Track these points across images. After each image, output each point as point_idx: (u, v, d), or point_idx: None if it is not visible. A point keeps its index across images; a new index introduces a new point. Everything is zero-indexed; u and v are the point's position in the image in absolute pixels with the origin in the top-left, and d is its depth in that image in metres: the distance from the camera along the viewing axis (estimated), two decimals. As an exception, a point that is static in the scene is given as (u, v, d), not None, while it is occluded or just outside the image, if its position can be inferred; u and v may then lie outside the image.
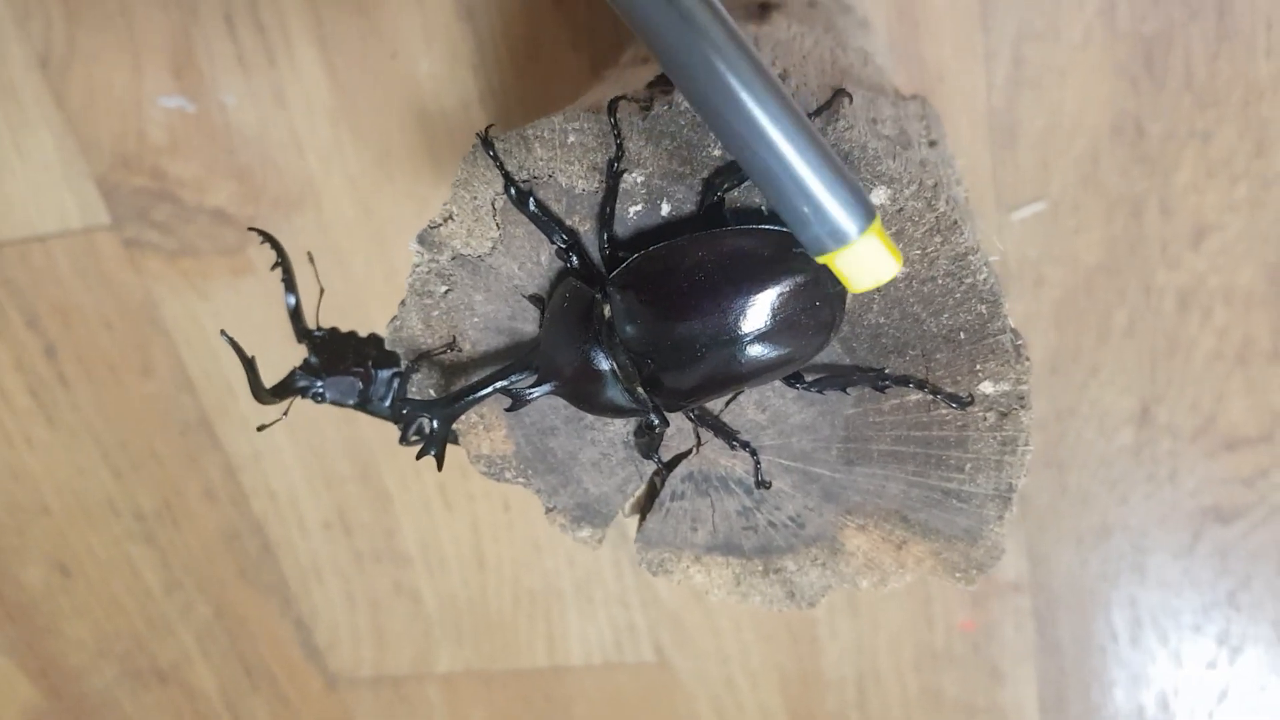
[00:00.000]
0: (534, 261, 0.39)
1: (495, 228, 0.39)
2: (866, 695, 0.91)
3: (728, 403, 0.41)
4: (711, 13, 0.28)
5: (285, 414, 0.43)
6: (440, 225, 0.39)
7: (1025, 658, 0.88)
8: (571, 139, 0.37)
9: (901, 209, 0.35)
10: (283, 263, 0.42)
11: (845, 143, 0.35)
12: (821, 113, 0.35)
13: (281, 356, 0.81)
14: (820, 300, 0.35)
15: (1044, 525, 0.82)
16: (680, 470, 0.42)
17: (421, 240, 0.39)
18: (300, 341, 0.44)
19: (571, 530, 0.44)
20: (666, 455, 0.42)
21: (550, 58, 0.70)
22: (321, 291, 0.46)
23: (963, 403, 0.37)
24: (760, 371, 0.36)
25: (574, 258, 0.38)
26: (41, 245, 0.81)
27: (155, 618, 0.98)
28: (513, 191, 0.37)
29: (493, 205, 0.38)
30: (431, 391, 0.42)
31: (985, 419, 0.38)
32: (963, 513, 0.40)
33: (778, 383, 0.40)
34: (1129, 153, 0.68)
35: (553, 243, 0.38)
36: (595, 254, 0.38)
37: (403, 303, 0.41)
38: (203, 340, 0.83)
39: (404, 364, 0.42)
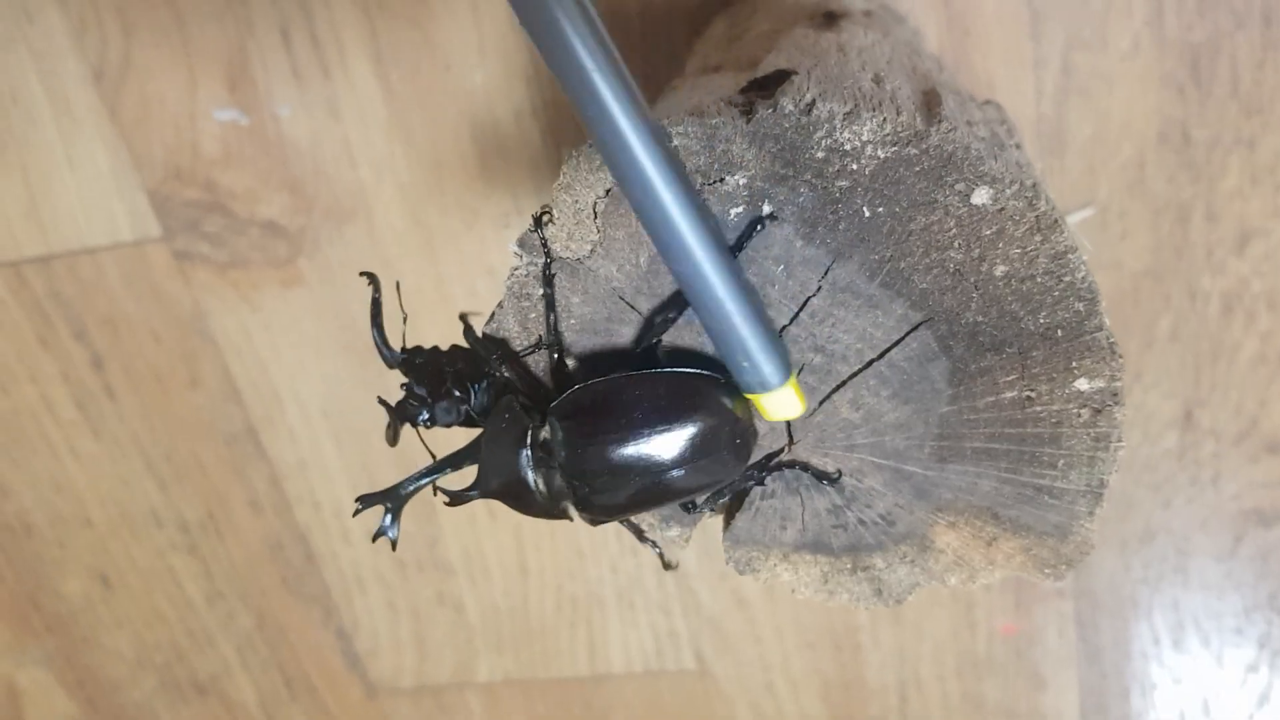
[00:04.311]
0: (633, 264, 0.40)
1: (595, 231, 0.39)
2: (909, 702, 0.92)
3: (821, 402, 0.41)
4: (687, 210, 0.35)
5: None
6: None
7: (1067, 663, 0.88)
8: (675, 142, 0.37)
9: (1003, 208, 0.36)
10: (377, 298, 0.43)
11: (949, 144, 0.35)
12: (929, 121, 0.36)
13: (331, 367, 0.82)
14: (739, 436, 0.40)
15: (1087, 530, 0.82)
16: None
17: (521, 243, 0.40)
18: (392, 367, 0.44)
19: (660, 529, 0.45)
20: (758, 455, 0.43)
21: (602, 69, 0.71)
22: (405, 318, 0.46)
23: (831, 479, 0.43)
24: (684, 494, 0.41)
25: (504, 370, 0.42)
26: (91, 257, 0.81)
27: (196, 629, 0.98)
28: (464, 324, 0.42)
29: (594, 209, 0.39)
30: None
31: (1079, 415, 0.39)
32: (1054, 509, 0.41)
33: (871, 381, 0.40)
34: (1175, 159, 0.69)
35: (487, 360, 0.42)
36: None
37: (500, 304, 0.42)
38: (251, 351, 0.83)
39: (494, 366, 0.42)
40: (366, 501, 0.42)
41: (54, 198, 0.80)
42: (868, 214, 0.37)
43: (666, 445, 0.39)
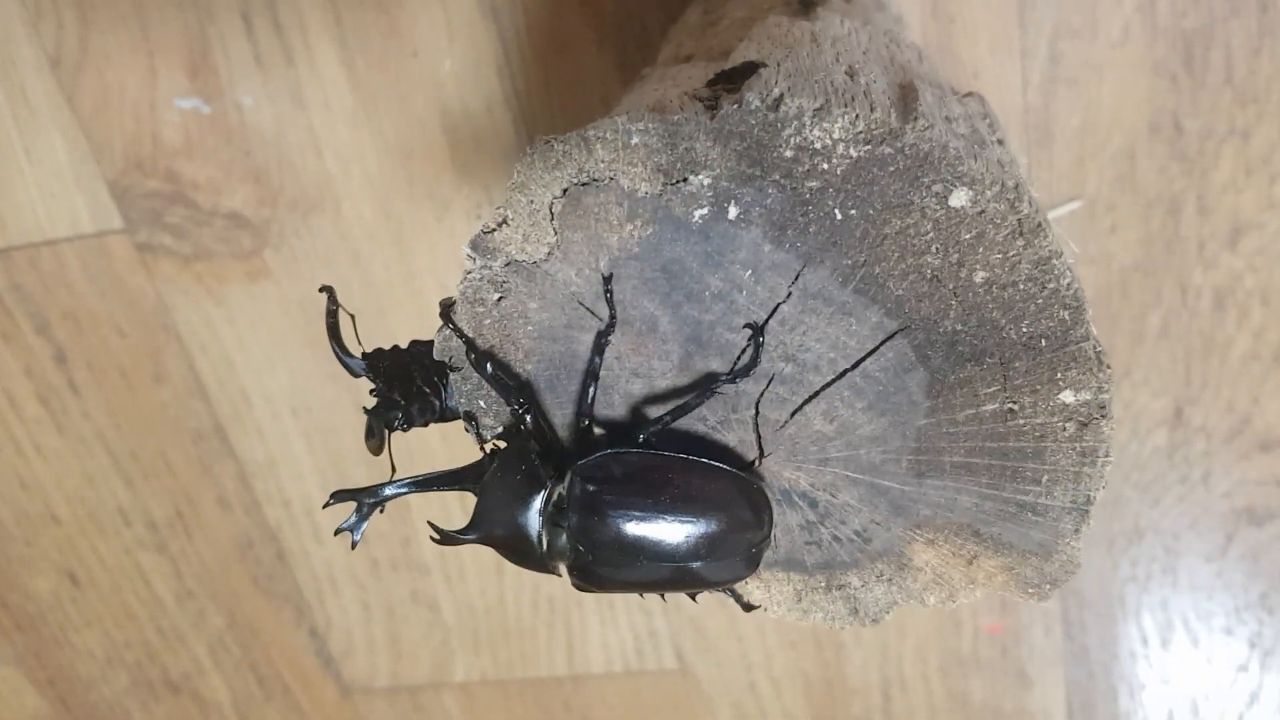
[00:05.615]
0: (592, 268, 0.38)
1: (552, 233, 0.37)
2: (892, 701, 0.90)
3: (792, 414, 0.39)
4: None
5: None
6: (494, 230, 0.37)
7: (1054, 662, 0.87)
8: (635, 140, 0.35)
9: (983, 211, 0.34)
10: (334, 310, 0.41)
11: (925, 142, 0.33)
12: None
13: (299, 362, 0.80)
14: (755, 546, 0.39)
15: (1075, 528, 0.81)
16: (741, 483, 0.41)
17: (475, 246, 0.38)
18: (358, 377, 0.42)
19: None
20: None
21: (576, 57, 0.68)
22: (353, 317, 0.44)
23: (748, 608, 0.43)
24: (683, 588, 0.40)
25: (529, 419, 0.39)
26: (52, 250, 0.79)
27: (166, 628, 0.96)
28: (473, 355, 0.39)
29: (550, 209, 0.37)
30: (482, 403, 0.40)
31: (1065, 429, 0.37)
32: (1038, 526, 0.39)
33: (845, 392, 0.38)
34: (1166, 150, 0.67)
35: (509, 404, 0.39)
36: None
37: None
38: (216, 346, 0.81)
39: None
40: (339, 497, 0.40)
41: (12, 188, 0.77)
42: (839, 217, 0.35)
43: (686, 538, 0.38)
